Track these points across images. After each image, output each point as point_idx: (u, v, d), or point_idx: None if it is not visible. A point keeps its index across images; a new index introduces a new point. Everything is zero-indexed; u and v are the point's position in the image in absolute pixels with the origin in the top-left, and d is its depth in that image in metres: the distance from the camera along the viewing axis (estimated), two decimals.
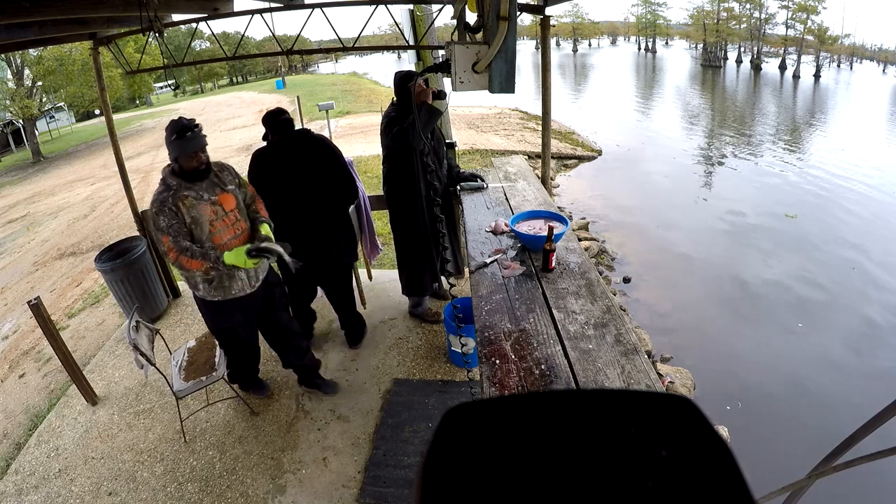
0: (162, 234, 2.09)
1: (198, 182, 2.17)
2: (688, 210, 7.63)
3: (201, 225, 2.14)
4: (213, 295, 2.29)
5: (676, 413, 0.22)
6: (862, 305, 4.89)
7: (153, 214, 2.11)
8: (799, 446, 3.10)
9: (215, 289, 2.28)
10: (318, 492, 2.28)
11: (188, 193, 2.13)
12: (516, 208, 2.77)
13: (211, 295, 2.30)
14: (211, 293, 2.29)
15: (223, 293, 2.30)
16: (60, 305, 4.75)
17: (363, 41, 4.59)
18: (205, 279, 2.25)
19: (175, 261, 2.10)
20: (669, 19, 53.01)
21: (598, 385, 1.41)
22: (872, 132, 13.53)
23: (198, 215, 2.13)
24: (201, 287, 2.29)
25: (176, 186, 2.12)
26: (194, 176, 2.15)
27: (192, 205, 2.13)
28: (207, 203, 2.16)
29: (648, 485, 0.19)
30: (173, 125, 2.10)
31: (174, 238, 2.08)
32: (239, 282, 2.32)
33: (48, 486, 2.44)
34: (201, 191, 2.17)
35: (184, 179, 2.13)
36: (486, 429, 0.23)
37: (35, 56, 16.18)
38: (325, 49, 4.23)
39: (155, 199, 2.12)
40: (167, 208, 2.09)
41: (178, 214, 2.10)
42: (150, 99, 37.30)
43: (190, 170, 2.13)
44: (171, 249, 2.08)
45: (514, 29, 1.49)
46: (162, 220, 2.08)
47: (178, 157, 2.10)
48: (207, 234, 2.17)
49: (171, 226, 2.09)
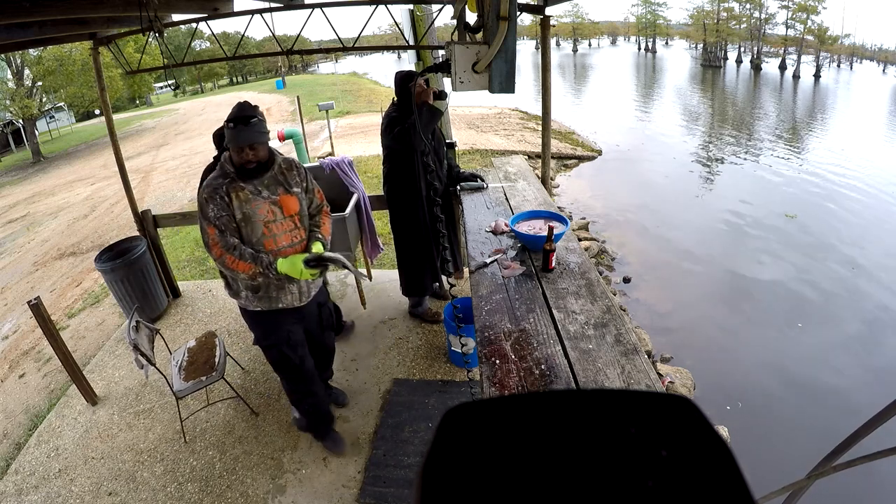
0: (208, 225, 1.84)
1: (258, 176, 1.91)
2: (688, 210, 7.63)
3: (253, 224, 1.89)
4: (256, 305, 2.04)
5: (676, 413, 0.22)
6: (862, 305, 4.89)
7: (202, 200, 1.86)
8: (799, 446, 3.10)
9: (260, 299, 2.03)
10: (318, 492, 2.28)
11: (245, 186, 1.88)
12: (516, 208, 2.77)
13: (253, 304, 2.04)
14: (254, 302, 2.04)
15: (268, 303, 2.04)
16: (60, 305, 4.75)
17: (363, 41, 4.59)
18: (249, 286, 2.00)
19: (219, 258, 1.86)
20: (669, 19, 53.07)
21: (598, 385, 1.41)
22: (872, 132, 13.53)
23: (251, 213, 1.88)
24: (243, 294, 2.04)
25: (233, 175, 1.88)
26: (241, 171, 1.90)
27: (247, 199, 1.88)
28: (266, 202, 1.91)
29: (648, 485, 0.19)
30: (233, 110, 1.85)
31: (221, 232, 1.84)
32: (289, 295, 2.06)
33: (48, 486, 2.44)
34: (261, 186, 1.92)
35: (236, 171, 1.90)
36: (486, 429, 0.23)
37: (35, 56, 16.19)
38: (325, 49, 4.23)
39: (207, 185, 1.87)
40: (219, 197, 1.84)
41: (229, 207, 1.86)
42: (150, 99, 37.32)
43: (238, 164, 1.89)
44: (216, 244, 1.84)
45: (514, 29, 1.49)
46: (211, 208, 1.84)
47: (228, 147, 1.88)
48: (259, 236, 1.91)
49: (219, 217, 1.84)
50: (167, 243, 5.34)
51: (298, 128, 6.91)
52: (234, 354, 3.23)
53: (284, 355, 2.19)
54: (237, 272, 1.87)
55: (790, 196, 8.11)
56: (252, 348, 3.36)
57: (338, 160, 3.77)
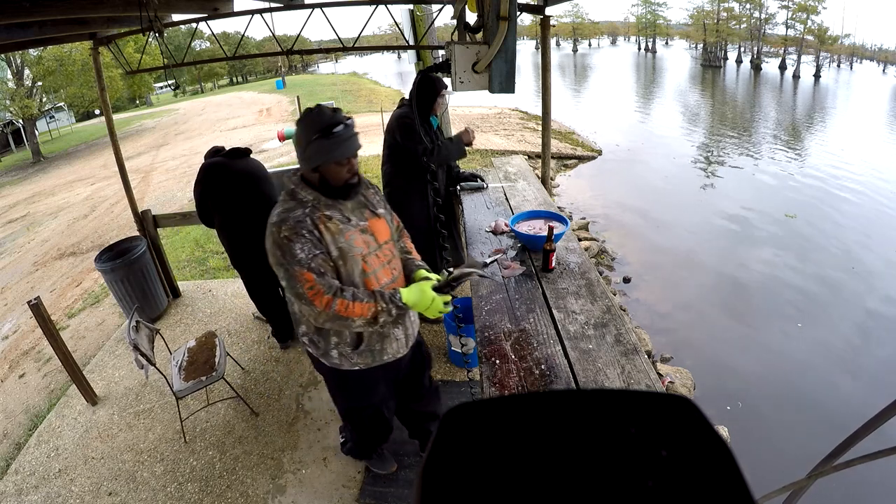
0: (301, 270, 1.40)
1: (347, 198, 1.53)
2: (688, 210, 7.63)
3: (352, 261, 1.49)
4: (356, 362, 1.63)
5: (676, 413, 0.23)
6: (862, 305, 4.89)
7: (282, 241, 1.41)
8: (799, 446, 3.10)
9: (361, 353, 1.62)
10: (318, 492, 2.28)
11: (331, 214, 1.48)
12: (516, 208, 2.77)
13: (352, 363, 1.63)
14: (353, 360, 1.63)
15: (371, 358, 1.64)
16: (60, 305, 4.75)
17: (363, 41, 4.59)
18: (349, 342, 1.60)
19: (326, 308, 1.41)
20: (669, 19, 53.11)
21: (598, 385, 1.41)
22: (872, 132, 13.53)
23: (347, 246, 1.48)
24: (336, 352, 1.61)
25: (313, 202, 1.47)
26: (340, 190, 1.50)
27: (339, 230, 1.48)
28: (356, 230, 1.51)
29: (648, 485, 0.19)
30: (314, 117, 1.43)
31: (321, 275, 1.42)
32: (394, 343, 1.68)
33: (48, 486, 2.44)
34: (347, 212, 1.52)
35: (324, 194, 1.49)
36: (487, 429, 0.23)
37: (35, 56, 16.20)
38: (325, 49, 4.23)
39: (283, 219, 1.43)
40: (305, 231, 1.42)
41: (322, 242, 1.45)
42: (150, 99, 37.34)
43: (339, 184, 1.49)
44: (319, 293, 1.40)
45: (514, 29, 1.49)
46: (298, 248, 1.40)
47: (321, 164, 1.45)
48: (360, 274, 1.51)
49: (313, 257, 1.41)
50: (167, 243, 5.34)
51: None
52: (234, 354, 3.23)
53: (381, 417, 1.89)
54: (352, 319, 1.44)
55: (790, 196, 8.11)
56: (252, 348, 3.36)
57: None
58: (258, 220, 2.81)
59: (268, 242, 1.46)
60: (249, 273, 3.02)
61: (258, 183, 2.85)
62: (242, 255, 2.91)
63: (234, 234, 2.85)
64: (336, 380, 1.76)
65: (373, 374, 1.70)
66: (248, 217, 2.79)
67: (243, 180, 2.79)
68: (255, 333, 3.53)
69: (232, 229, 2.84)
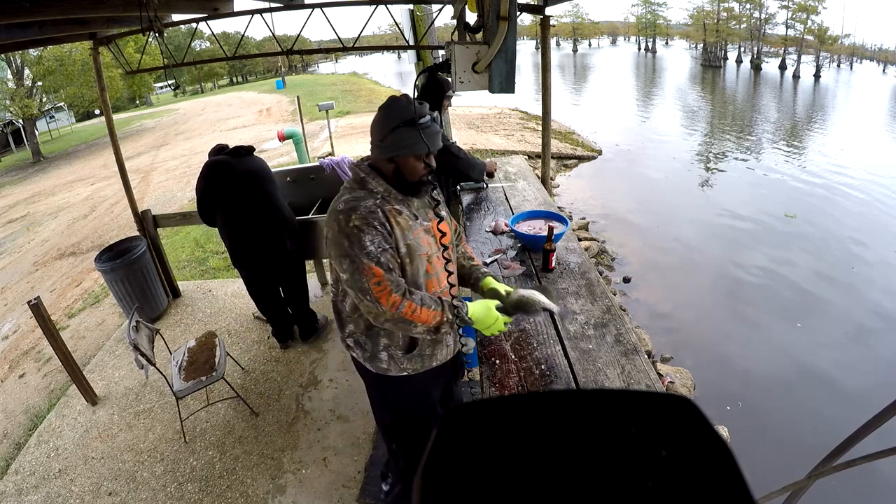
0: (370, 262, 1.28)
1: (412, 195, 1.41)
2: (688, 210, 7.62)
3: (417, 259, 1.39)
4: (406, 367, 1.51)
5: (676, 413, 0.23)
6: (862, 304, 4.89)
7: (351, 230, 1.29)
8: (799, 446, 3.09)
9: (412, 359, 1.51)
10: (318, 492, 2.28)
11: (401, 209, 1.37)
12: (516, 208, 2.77)
13: (401, 367, 1.51)
14: (402, 364, 1.51)
15: (421, 363, 1.53)
16: (60, 305, 4.75)
17: (363, 41, 4.59)
18: (401, 344, 1.49)
19: (392, 309, 1.29)
20: (669, 19, 53.10)
21: (598, 385, 1.41)
22: (872, 132, 13.53)
23: (416, 245, 1.38)
24: (385, 355, 1.49)
25: (384, 194, 1.36)
26: (413, 186, 1.39)
27: (408, 227, 1.37)
28: (421, 229, 1.41)
29: (648, 485, 0.19)
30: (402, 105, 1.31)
31: (389, 271, 1.30)
32: (445, 349, 1.57)
33: (48, 486, 2.44)
34: (414, 209, 1.42)
35: (395, 187, 1.38)
36: (487, 429, 0.23)
37: (35, 56, 16.20)
38: (325, 49, 4.23)
39: (353, 207, 1.31)
40: (377, 223, 1.30)
41: (392, 236, 1.34)
42: (150, 99, 37.34)
43: (414, 179, 1.37)
44: (387, 291, 1.28)
45: (514, 29, 1.49)
46: (368, 240, 1.28)
47: (400, 154, 1.34)
48: (424, 275, 1.42)
49: (383, 251, 1.30)
50: (167, 243, 5.34)
51: (298, 128, 6.92)
52: (234, 354, 3.23)
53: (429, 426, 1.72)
54: (415, 324, 1.34)
55: (790, 196, 8.10)
56: (252, 348, 3.36)
57: (338, 160, 3.77)
58: (260, 218, 2.83)
59: (331, 230, 1.34)
60: (250, 272, 3.02)
61: (261, 182, 2.85)
62: (243, 254, 2.91)
63: (235, 232, 2.85)
64: (382, 388, 1.60)
65: (423, 380, 1.57)
66: (250, 215, 2.80)
67: (246, 179, 2.80)
68: (255, 333, 3.53)
69: (234, 227, 2.85)
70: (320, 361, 3.16)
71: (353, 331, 1.52)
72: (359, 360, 1.56)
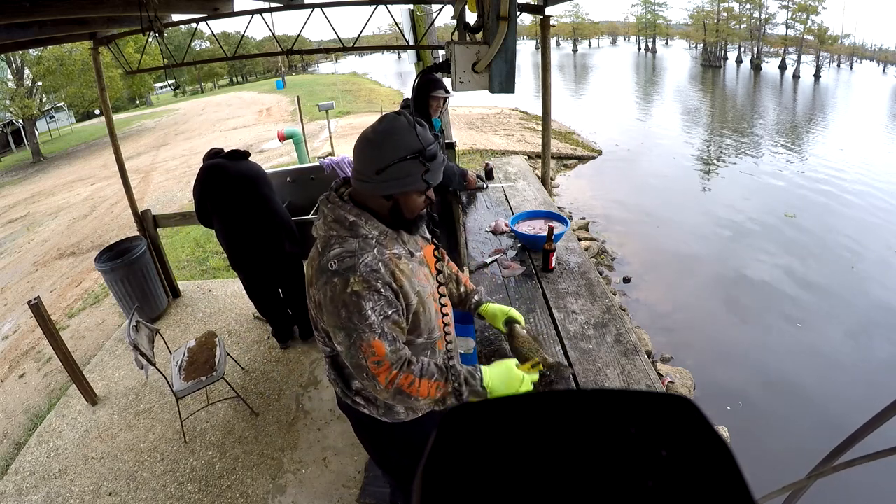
0: (371, 336, 1.09)
1: (406, 230, 1.22)
2: (687, 210, 7.62)
3: (428, 304, 1.23)
4: (410, 412, 1.35)
5: (676, 413, 0.22)
6: (861, 304, 4.89)
7: (349, 297, 1.07)
8: (799, 446, 3.09)
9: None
10: (318, 492, 2.28)
11: (399, 251, 1.19)
12: (516, 208, 2.77)
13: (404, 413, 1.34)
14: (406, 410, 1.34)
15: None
16: (60, 305, 4.75)
17: (363, 41, 4.59)
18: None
19: (388, 386, 1.12)
20: (669, 19, 53.10)
21: (598, 385, 1.41)
22: (872, 132, 13.53)
23: (423, 290, 1.21)
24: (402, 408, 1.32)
25: (379, 238, 1.16)
26: (410, 222, 1.19)
27: (411, 271, 1.19)
28: (417, 263, 1.24)
29: (648, 485, 0.19)
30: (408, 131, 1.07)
31: (392, 342, 1.12)
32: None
33: (48, 486, 2.44)
34: (409, 245, 1.24)
35: (389, 224, 1.18)
36: (486, 429, 0.23)
37: (35, 56, 16.21)
38: (325, 49, 4.23)
39: (349, 267, 1.09)
40: (381, 285, 1.10)
41: (399, 298, 1.14)
42: (150, 99, 37.35)
43: (412, 215, 1.17)
44: (385, 368, 1.11)
45: (514, 29, 1.49)
46: (369, 308, 1.08)
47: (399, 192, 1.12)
48: (434, 317, 1.25)
49: (385, 318, 1.11)
50: (167, 243, 5.34)
51: (298, 128, 6.92)
52: (234, 354, 3.23)
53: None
54: (415, 399, 1.15)
55: (789, 196, 8.10)
56: (252, 348, 3.36)
57: (338, 160, 3.77)
58: (257, 222, 2.83)
59: (323, 295, 1.11)
60: (249, 274, 3.02)
61: (256, 185, 2.85)
62: (241, 257, 2.91)
63: (232, 236, 2.85)
64: (401, 436, 1.38)
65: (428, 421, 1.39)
66: (246, 219, 2.79)
67: (242, 182, 2.79)
68: (255, 333, 3.53)
69: (231, 231, 2.85)
70: (320, 361, 3.16)
71: (361, 387, 1.29)
72: (370, 416, 1.34)
